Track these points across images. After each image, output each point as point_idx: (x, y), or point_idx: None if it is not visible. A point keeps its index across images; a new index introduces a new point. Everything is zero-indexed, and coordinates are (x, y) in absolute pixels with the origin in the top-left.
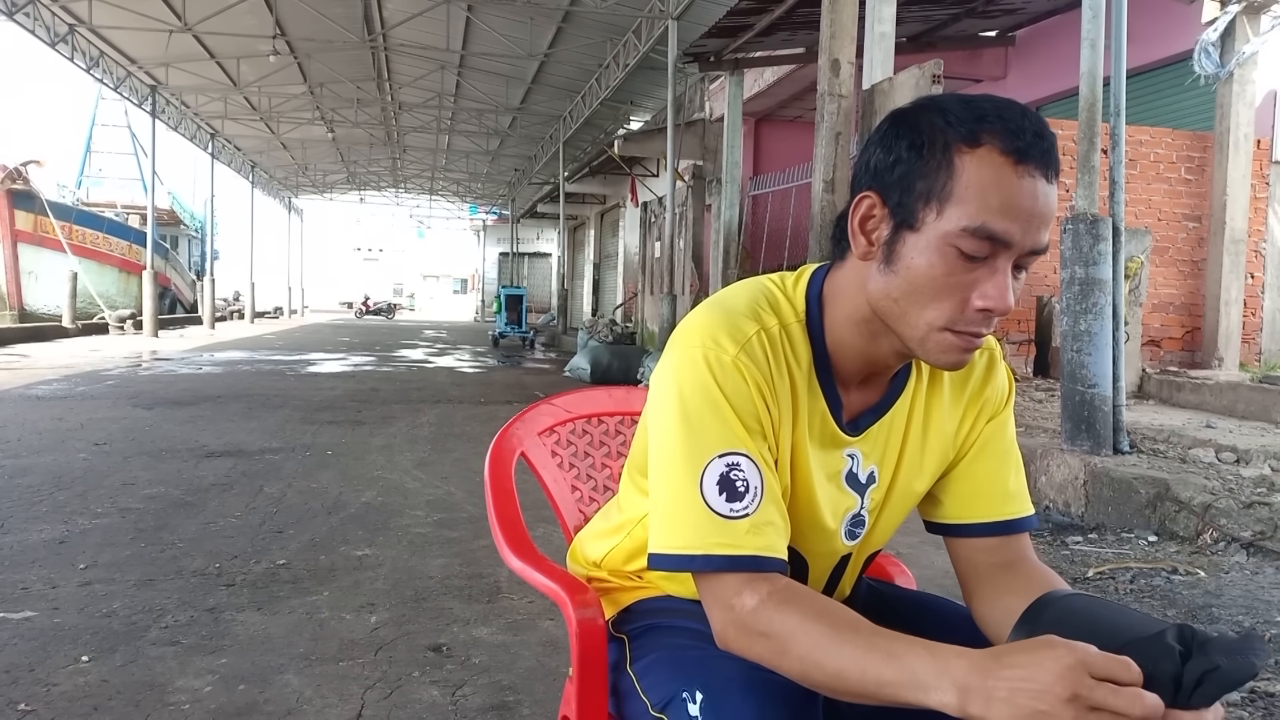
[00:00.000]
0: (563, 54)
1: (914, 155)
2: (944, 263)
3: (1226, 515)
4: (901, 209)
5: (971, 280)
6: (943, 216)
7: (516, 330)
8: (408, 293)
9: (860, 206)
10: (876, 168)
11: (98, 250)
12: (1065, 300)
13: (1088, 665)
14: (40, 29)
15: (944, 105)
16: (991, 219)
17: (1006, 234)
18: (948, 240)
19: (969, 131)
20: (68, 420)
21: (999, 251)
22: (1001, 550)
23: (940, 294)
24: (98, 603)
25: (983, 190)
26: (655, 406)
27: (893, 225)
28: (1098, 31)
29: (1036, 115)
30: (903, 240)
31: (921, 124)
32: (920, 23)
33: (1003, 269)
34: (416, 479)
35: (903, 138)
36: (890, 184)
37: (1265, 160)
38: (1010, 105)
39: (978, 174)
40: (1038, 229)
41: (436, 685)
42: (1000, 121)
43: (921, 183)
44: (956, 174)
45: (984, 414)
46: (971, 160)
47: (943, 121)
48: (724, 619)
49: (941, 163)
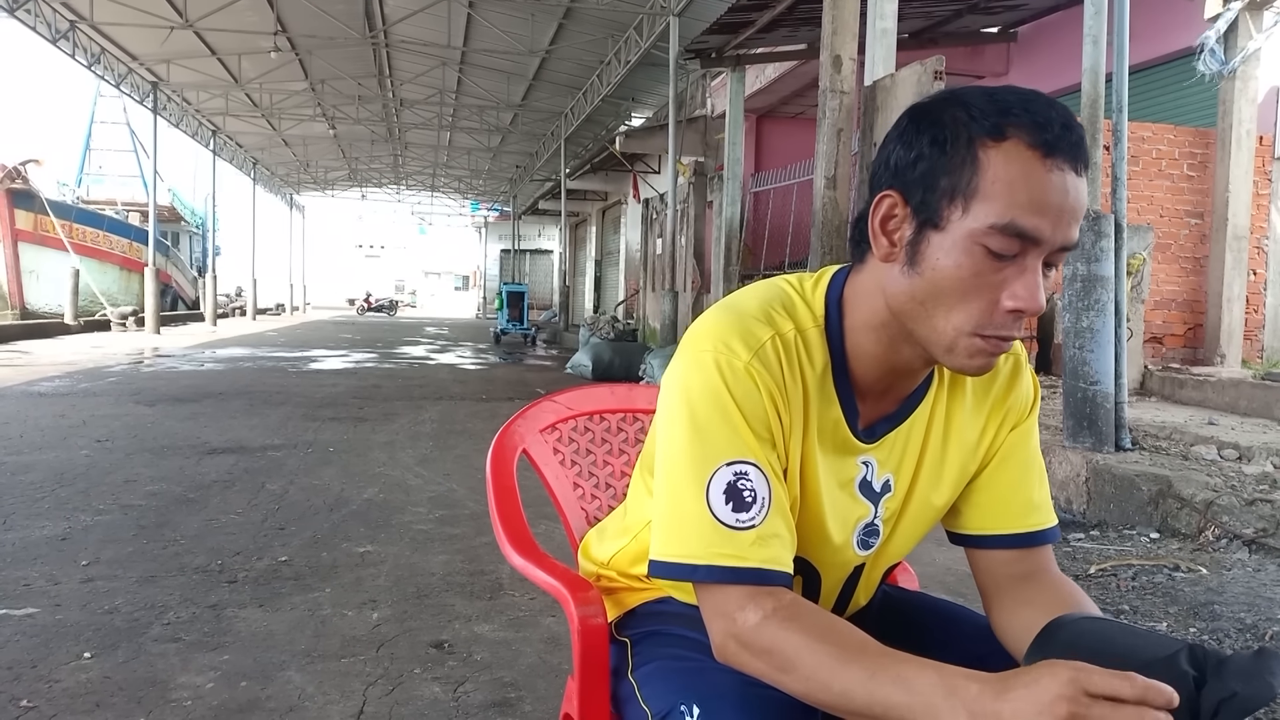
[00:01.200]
0: (564, 50)
1: (937, 151)
2: (972, 262)
3: (1229, 512)
4: (925, 207)
5: (1000, 280)
6: (969, 214)
7: (518, 327)
8: (409, 289)
9: (881, 206)
10: (897, 165)
11: (98, 248)
12: (1067, 297)
13: (1086, 684)
14: (41, 25)
15: (966, 99)
16: (1020, 215)
17: (1036, 230)
18: (975, 239)
19: (994, 125)
20: (70, 417)
21: (1028, 249)
22: (1022, 562)
23: (968, 295)
24: (100, 599)
25: (1010, 185)
26: (664, 410)
27: (916, 225)
28: (1100, 27)
29: (1063, 106)
30: (927, 240)
31: (944, 118)
32: (922, 19)
33: (1033, 267)
34: (418, 476)
35: (924, 133)
36: (912, 182)
37: (1268, 157)
38: (1036, 96)
39: (1005, 169)
40: (1068, 224)
41: (438, 682)
42: (1026, 114)
43: (945, 179)
44: (982, 169)
45: (1007, 422)
46: (998, 154)
47: (966, 115)
48: (725, 632)
49: (966, 158)
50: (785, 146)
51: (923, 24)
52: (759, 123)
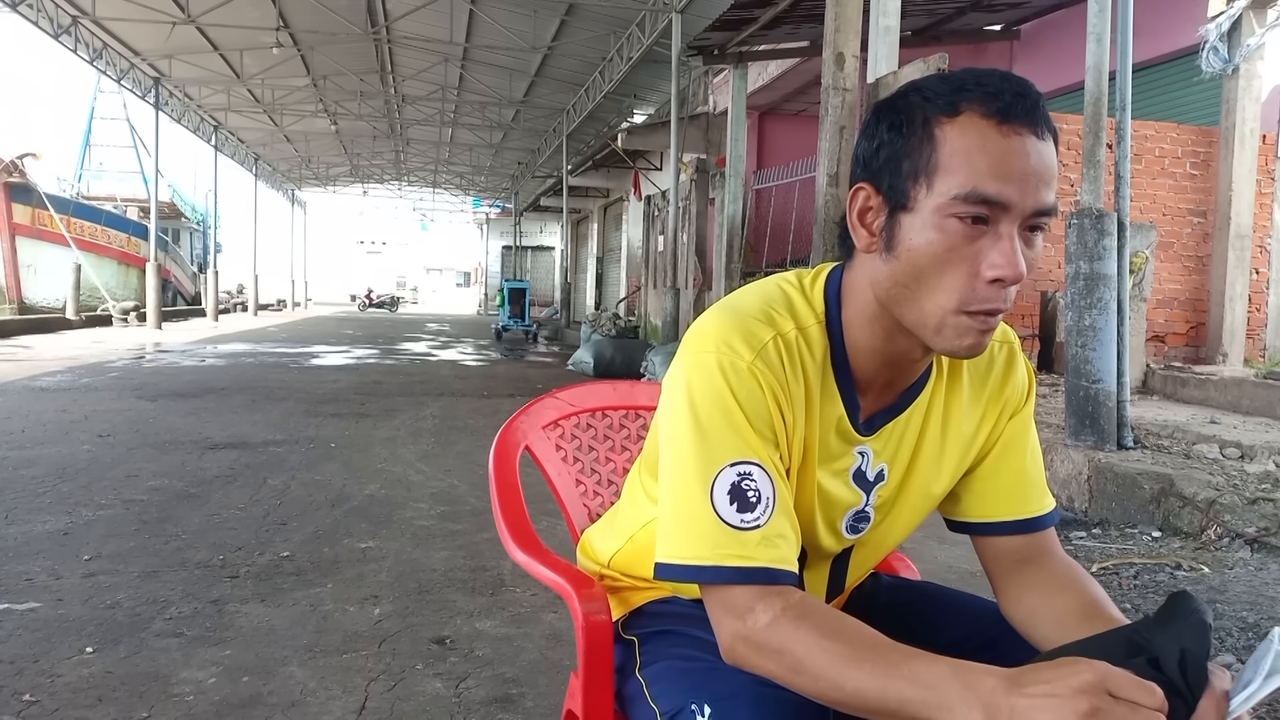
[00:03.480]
0: (566, 47)
1: (895, 135)
2: (943, 237)
3: (1231, 511)
4: (893, 192)
5: (975, 251)
6: (933, 190)
7: (520, 324)
8: (411, 286)
9: (856, 200)
10: (864, 157)
11: (96, 243)
12: (1070, 295)
13: (1113, 686)
14: (44, 20)
15: (922, 84)
16: (982, 182)
17: (1001, 195)
18: (942, 212)
19: (947, 103)
20: (72, 412)
21: (1000, 216)
22: (1025, 547)
23: (945, 270)
24: (102, 594)
25: (968, 155)
26: (666, 411)
27: (888, 211)
28: (1103, 26)
29: (1018, 77)
30: (899, 223)
31: (900, 105)
32: (925, 16)
33: (1007, 234)
34: (420, 472)
35: (883, 121)
36: (878, 170)
37: (1271, 155)
38: (989, 72)
39: (961, 140)
40: (1036, 188)
41: (440, 677)
42: (979, 87)
43: (907, 162)
44: (939, 145)
45: (1005, 412)
46: (953, 129)
47: (920, 98)
48: (734, 634)
49: (923, 137)
50: (787, 144)
51: (926, 21)
52: (761, 120)
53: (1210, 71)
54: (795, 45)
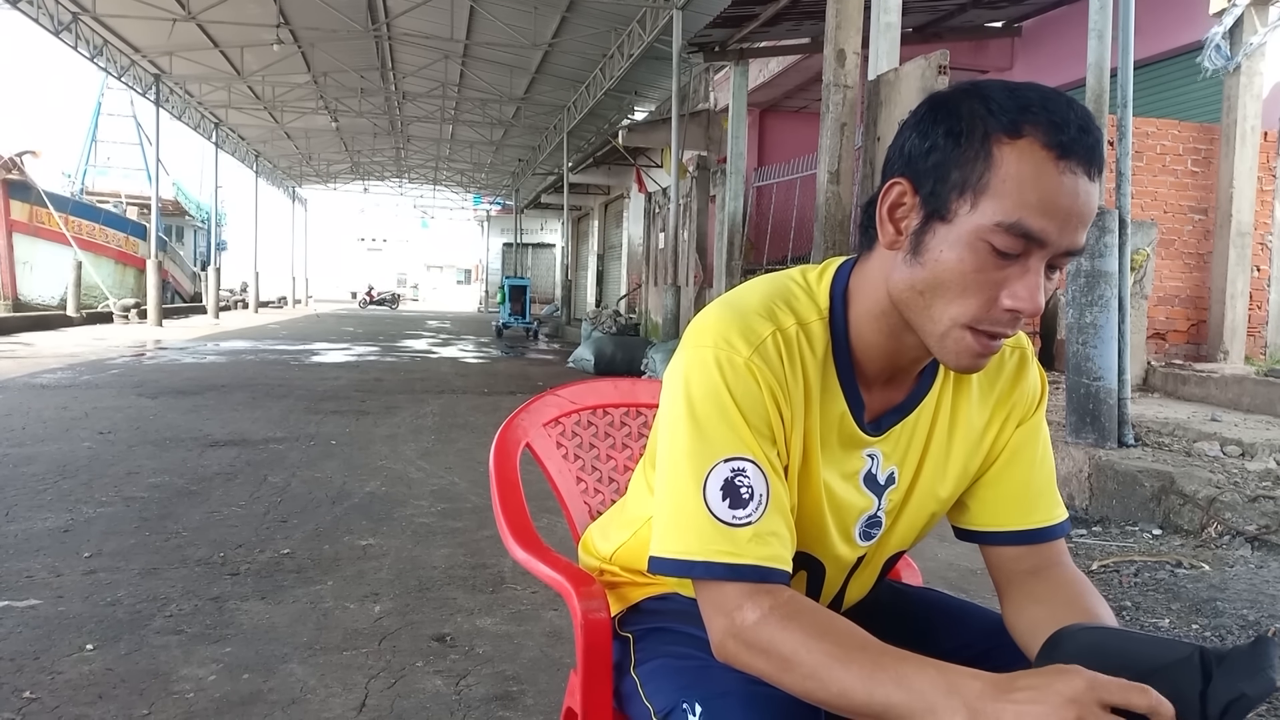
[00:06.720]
0: (567, 43)
1: (951, 143)
2: (974, 258)
3: (1231, 509)
4: (934, 198)
5: (1001, 279)
6: (977, 209)
7: (520, 321)
8: (411, 283)
9: (890, 193)
10: (910, 153)
11: (94, 242)
12: (1071, 293)
13: (1102, 694)
14: (44, 17)
15: (986, 92)
16: (1028, 216)
17: (1043, 232)
18: (980, 235)
19: (1010, 121)
20: (72, 409)
21: (1033, 250)
22: (1032, 557)
23: (967, 290)
24: (102, 591)
25: (1021, 185)
26: (664, 406)
27: (923, 215)
28: (1105, 23)
29: (1083, 108)
30: (933, 231)
31: (961, 110)
32: (927, 13)
33: (1035, 269)
34: (420, 469)
35: (940, 124)
36: (924, 171)
37: (1272, 153)
38: (1056, 96)
39: (1017, 167)
40: (1075, 229)
41: (440, 675)
42: (1044, 113)
43: (957, 172)
44: (995, 165)
45: (1014, 417)
46: (1011, 152)
47: (984, 109)
48: (723, 630)
49: (980, 152)
50: (788, 141)
51: (927, 18)
52: (762, 117)
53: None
54: (796, 42)
